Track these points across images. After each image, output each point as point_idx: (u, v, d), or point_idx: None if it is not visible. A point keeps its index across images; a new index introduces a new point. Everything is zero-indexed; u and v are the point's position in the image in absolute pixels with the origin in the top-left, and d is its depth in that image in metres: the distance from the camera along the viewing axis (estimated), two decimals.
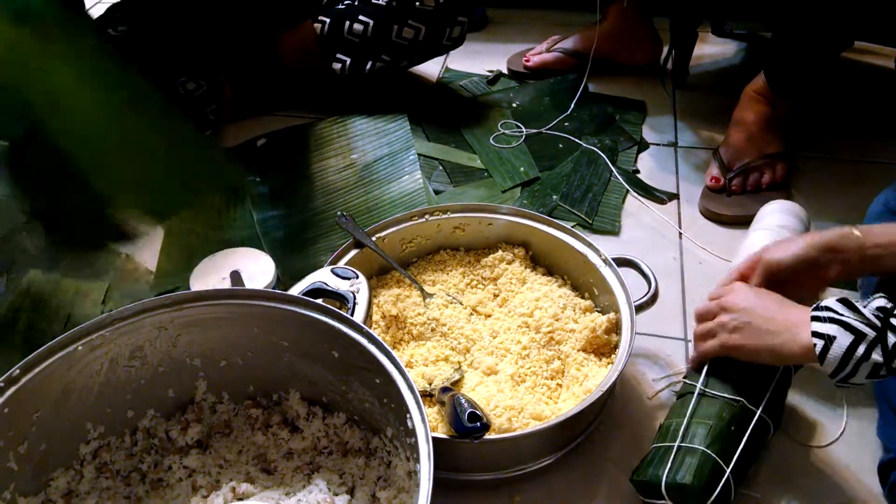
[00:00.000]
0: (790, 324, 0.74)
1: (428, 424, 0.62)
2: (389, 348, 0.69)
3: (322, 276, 0.80)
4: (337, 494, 0.73)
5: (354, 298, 0.77)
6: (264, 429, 0.81)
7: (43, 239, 1.15)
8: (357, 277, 0.80)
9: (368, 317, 0.77)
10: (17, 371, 0.69)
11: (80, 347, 0.72)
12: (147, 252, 1.15)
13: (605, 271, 0.93)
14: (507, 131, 1.37)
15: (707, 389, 0.80)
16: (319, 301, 0.74)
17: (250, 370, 0.81)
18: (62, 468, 0.75)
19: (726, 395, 0.79)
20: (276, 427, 0.81)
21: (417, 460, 0.63)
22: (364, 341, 0.70)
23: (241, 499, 0.74)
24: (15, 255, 1.12)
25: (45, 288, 1.09)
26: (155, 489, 0.77)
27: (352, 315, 0.75)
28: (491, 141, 1.35)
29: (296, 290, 0.78)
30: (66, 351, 0.72)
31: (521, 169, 1.28)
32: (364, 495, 0.73)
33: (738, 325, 0.78)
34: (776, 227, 0.93)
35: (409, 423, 0.64)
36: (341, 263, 0.95)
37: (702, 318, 0.85)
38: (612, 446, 0.86)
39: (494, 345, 0.92)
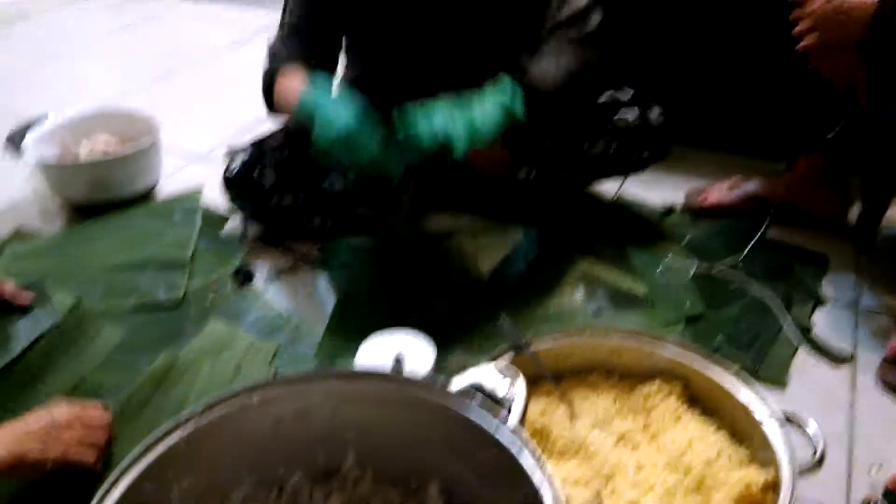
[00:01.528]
0: None
1: None
2: (546, 465, 0.68)
3: (481, 375, 0.81)
4: None
5: (511, 403, 0.78)
6: None
7: None
8: (517, 377, 0.81)
9: (522, 421, 0.77)
10: (200, 409, 0.76)
11: (255, 398, 0.78)
12: (313, 321, 1.23)
13: (769, 425, 0.88)
14: (675, 264, 1.36)
15: None
16: (474, 403, 0.75)
17: (397, 453, 0.83)
18: None
19: None
20: None
21: None
22: (515, 451, 0.69)
23: None
24: None
25: (225, 338, 1.19)
26: None
27: (507, 419, 0.76)
28: (658, 271, 1.34)
29: (454, 384, 0.80)
30: (243, 400, 0.78)
31: (687, 304, 1.26)
32: None
33: None
34: None
35: None
36: (497, 363, 0.97)
37: None
38: None
39: (639, 478, 0.89)
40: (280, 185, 1.37)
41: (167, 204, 1.54)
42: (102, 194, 1.51)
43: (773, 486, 0.85)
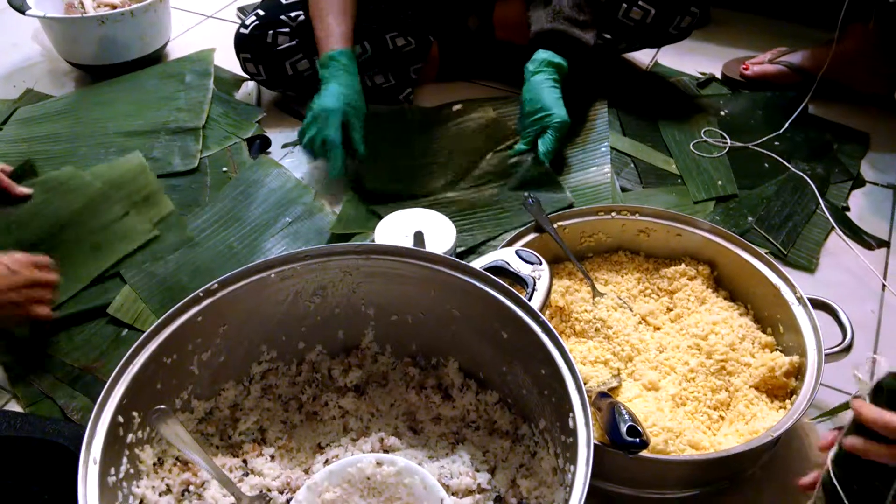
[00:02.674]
0: None
1: (591, 429, 0.61)
2: (563, 342, 0.67)
3: (505, 256, 0.80)
4: (478, 471, 0.73)
5: (534, 284, 0.76)
6: (418, 389, 0.82)
7: None
8: (540, 264, 0.79)
9: (545, 305, 0.76)
10: (216, 285, 0.75)
11: (272, 275, 0.77)
12: (331, 194, 1.20)
13: (798, 310, 0.86)
14: (710, 139, 1.30)
15: None
16: (499, 280, 0.74)
17: (417, 330, 0.82)
18: (233, 382, 0.81)
19: None
20: (429, 390, 0.82)
21: (570, 461, 0.62)
22: (538, 329, 0.69)
23: (387, 450, 0.76)
24: None
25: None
26: (310, 420, 0.81)
27: (529, 300, 0.74)
28: (691, 147, 1.28)
29: (477, 263, 0.78)
30: (260, 276, 0.76)
31: (719, 182, 1.21)
32: (504, 478, 0.73)
33: None
34: None
35: (570, 423, 0.63)
36: (519, 245, 0.95)
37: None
38: (765, 495, 0.81)
39: (660, 360, 0.88)
40: (295, 47, 1.30)
41: (178, 65, 1.47)
42: (111, 54, 1.45)
43: (798, 372, 0.84)
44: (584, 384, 0.83)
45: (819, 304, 0.88)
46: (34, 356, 0.95)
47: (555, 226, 0.97)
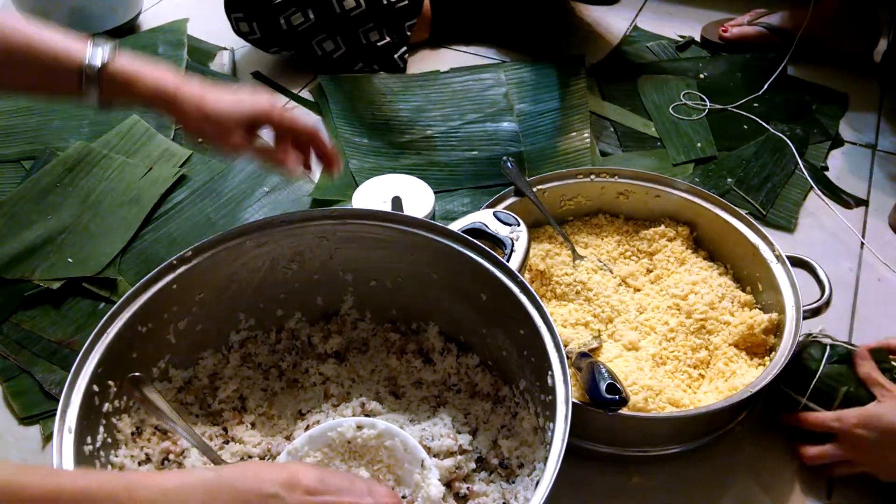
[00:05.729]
0: None
1: (570, 386, 0.61)
2: (541, 302, 0.67)
3: (483, 217, 0.79)
4: (460, 432, 0.73)
5: (512, 245, 0.76)
6: (399, 354, 0.82)
7: None
8: (518, 225, 0.79)
9: (523, 267, 0.76)
10: (190, 252, 0.74)
11: (248, 242, 0.76)
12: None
13: (776, 268, 0.86)
14: (689, 102, 1.29)
15: None
16: (477, 242, 0.73)
17: (396, 295, 0.82)
18: (212, 350, 0.80)
19: None
20: (410, 355, 0.82)
21: (550, 419, 0.62)
22: (516, 290, 0.69)
23: (368, 415, 0.76)
24: None
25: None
26: (290, 387, 0.81)
27: (507, 261, 0.74)
28: (670, 110, 1.28)
29: (455, 226, 0.78)
30: (235, 242, 0.76)
31: (699, 144, 1.21)
32: (486, 439, 0.73)
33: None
34: None
35: (549, 381, 0.63)
36: (500, 207, 0.94)
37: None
38: (745, 451, 0.82)
39: (640, 320, 0.88)
40: (289, 1, 1.27)
41: (151, 36, 1.44)
42: (83, 26, 1.41)
43: (777, 329, 0.84)
44: (565, 346, 0.84)
45: (798, 262, 0.88)
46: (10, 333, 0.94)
47: (534, 189, 0.97)
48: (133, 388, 0.68)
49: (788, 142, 1.20)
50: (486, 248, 0.72)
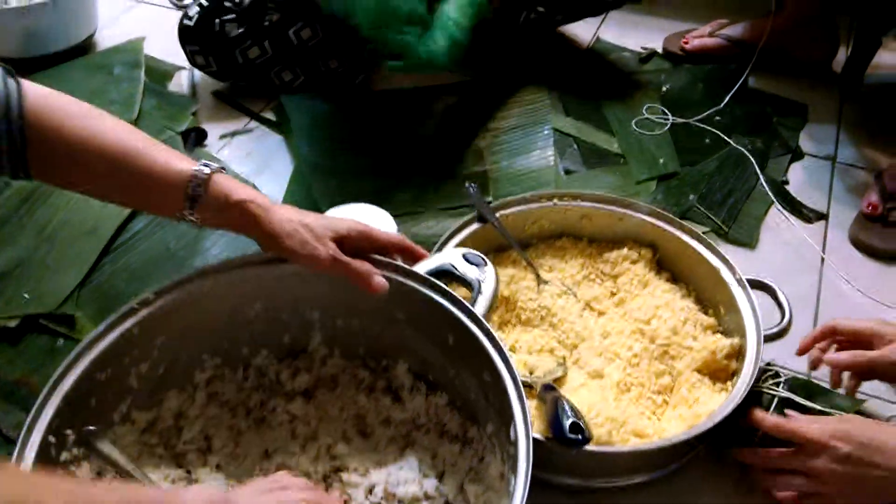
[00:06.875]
0: None
1: (531, 439, 0.60)
2: (507, 350, 0.67)
3: (451, 258, 0.78)
4: (426, 476, 0.73)
5: (479, 287, 0.75)
6: (368, 391, 0.81)
7: None
8: (486, 265, 0.77)
9: (491, 309, 0.75)
10: (152, 296, 0.73)
11: (209, 283, 0.75)
12: (269, 189, 1.17)
13: (737, 291, 0.87)
14: (652, 117, 1.30)
15: None
16: (442, 285, 0.73)
17: (365, 333, 0.81)
18: (177, 389, 0.79)
19: None
20: (379, 392, 0.81)
21: (513, 471, 0.61)
22: (481, 335, 0.68)
23: (334, 457, 0.76)
24: None
25: None
26: (258, 426, 0.80)
27: (474, 304, 0.73)
28: (633, 125, 1.28)
29: (423, 266, 0.77)
30: (196, 283, 0.75)
31: (661, 160, 1.21)
32: (453, 483, 0.73)
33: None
34: None
35: (512, 434, 0.62)
36: (462, 235, 0.94)
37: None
38: (709, 478, 0.82)
39: (604, 346, 0.89)
40: (244, 35, 1.25)
41: (106, 56, 1.41)
42: (35, 47, 1.38)
43: (739, 353, 0.85)
44: (530, 374, 0.85)
45: (758, 285, 0.89)
46: None
47: (497, 214, 0.96)
48: (86, 443, 0.67)
49: (749, 156, 1.21)
50: (451, 293, 0.71)
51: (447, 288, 0.72)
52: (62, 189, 0.77)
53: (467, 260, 0.78)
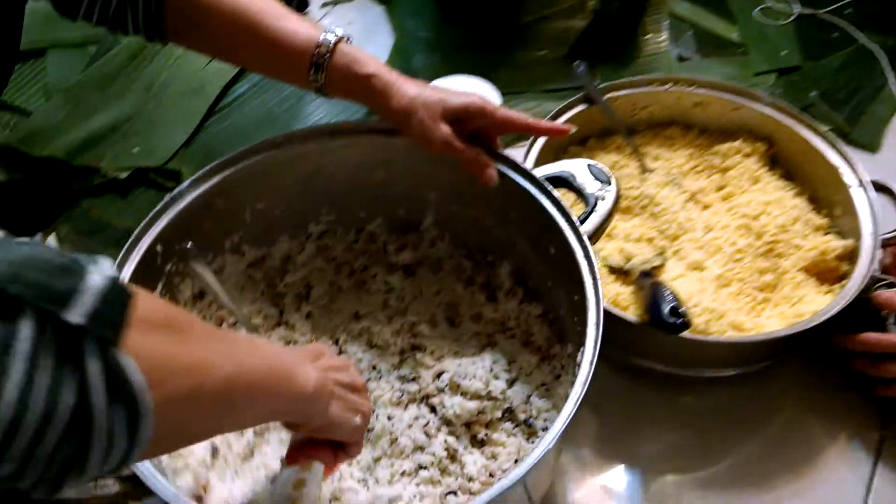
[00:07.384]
0: None
1: (593, 366, 0.58)
2: (598, 276, 0.63)
3: (575, 168, 0.74)
4: (496, 378, 0.72)
5: (595, 205, 0.71)
6: (466, 283, 0.81)
7: None
8: (609, 184, 0.73)
9: (601, 230, 0.71)
10: (281, 139, 0.74)
11: (336, 142, 0.75)
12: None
13: (856, 192, 0.82)
14: (777, 5, 1.20)
15: None
16: (555, 193, 0.70)
17: (476, 225, 0.80)
18: (288, 235, 0.81)
19: None
20: (477, 287, 0.81)
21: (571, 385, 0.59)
22: (580, 256, 0.65)
23: (415, 335, 0.77)
24: None
25: None
26: (356, 288, 0.82)
27: (584, 221, 0.70)
28: (757, 13, 1.19)
29: (543, 170, 0.74)
30: (321, 141, 0.75)
31: (783, 53, 1.13)
32: (521, 392, 0.72)
33: None
34: None
35: (578, 358, 0.60)
36: (566, 116, 0.91)
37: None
38: (802, 381, 0.80)
39: (706, 239, 0.86)
40: None
41: None
42: None
43: (851, 256, 0.81)
44: (627, 262, 0.83)
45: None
46: None
47: (605, 97, 0.93)
48: (183, 259, 0.68)
49: (880, 54, 1.11)
50: (562, 203, 0.68)
51: (559, 197, 0.69)
52: (195, 52, 0.77)
53: (592, 173, 0.73)
